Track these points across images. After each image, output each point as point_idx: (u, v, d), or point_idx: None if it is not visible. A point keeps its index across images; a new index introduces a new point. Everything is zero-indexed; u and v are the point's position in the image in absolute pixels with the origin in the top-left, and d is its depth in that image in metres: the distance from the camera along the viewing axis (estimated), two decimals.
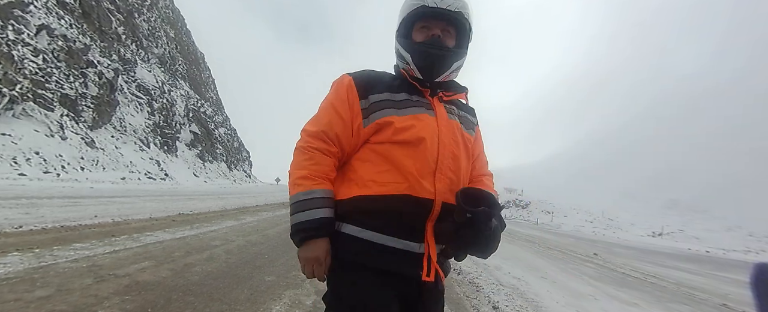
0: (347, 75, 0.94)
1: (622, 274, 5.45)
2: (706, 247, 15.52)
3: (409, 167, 0.83)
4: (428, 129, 0.87)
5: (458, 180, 0.88)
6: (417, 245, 0.83)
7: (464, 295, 3.25)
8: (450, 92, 0.96)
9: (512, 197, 50.50)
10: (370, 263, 0.82)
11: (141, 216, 5.04)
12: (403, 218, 0.82)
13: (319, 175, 0.86)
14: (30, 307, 1.76)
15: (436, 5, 0.88)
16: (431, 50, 0.90)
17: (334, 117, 0.90)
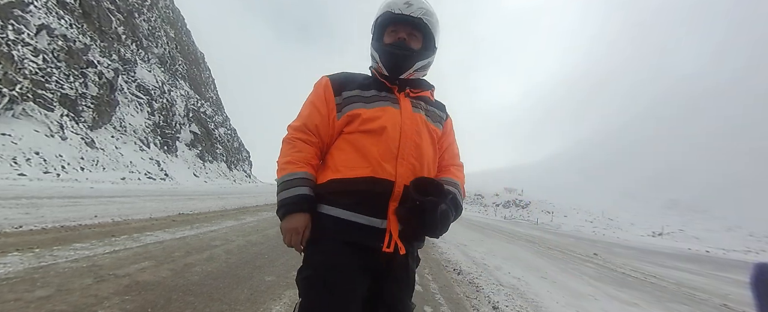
0: (325, 76, 1.09)
1: (622, 274, 5.45)
2: (706, 247, 15.51)
3: (373, 153, 0.96)
4: (391, 120, 0.99)
5: (421, 166, 1.00)
6: (380, 221, 0.94)
7: (464, 295, 3.25)
8: (417, 89, 1.09)
9: (512, 197, 50.48)
10: (339, 236, 0.94)
11: (141, 216, 5.04)
12: (367, 197, 0.94)
13: (301, 161, 0.99)
14: (30, 307, 1.76)
15: (401, 12, 1.02)
16: (396, 51, 1.04)
17: (313, 111, 1.04)
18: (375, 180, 0.94)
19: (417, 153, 1.00)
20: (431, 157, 1.06)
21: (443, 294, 3.18)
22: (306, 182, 0.97)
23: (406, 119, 1.01)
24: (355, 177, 0.95)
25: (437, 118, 1.12)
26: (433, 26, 1.06)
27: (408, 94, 1.06)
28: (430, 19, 1.04)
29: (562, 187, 59.12)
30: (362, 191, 0.94)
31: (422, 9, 1.03)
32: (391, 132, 0.98)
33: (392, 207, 0.94)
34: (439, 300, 2.98)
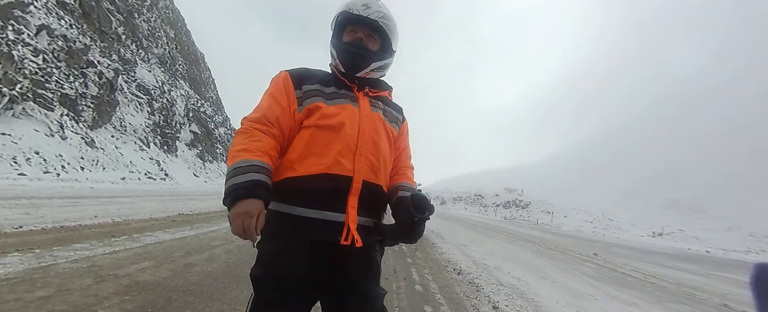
0: (284, 71, 1.09)
1: (622, 274, 5.45)
2: (706, 247, 15.51)
3: (331, 149, 0.97)
4: (350, 117, 1.01)
5: (379, 163, 1.03)
6: (338, 215, 0.95)
7: (464, 295, 3.25)
8: (376, 89, 1.12)
9: (512, 197, 50.49)
10: (295, 232, 0.95)
11: (141, 216, 5.04)
12: (324, 193, 0.95)
13: (258, 149, 0.93)
14: (30, 307, 1.76)
15: (359, 13, 1.04)
16: (353, 49, 1.06)
17: (274, 103, 1.02)
18: (331, 176, 0.95)
19: (375, 150, 1.03)
20: (388, 155, 1.10)
21: (443, 294, 3.18)
22: (261, 169, 0.89)
23: (365, 117, 1.04)
24: (311, 174, 0.95)
25: (394, 118, 1.16)
26: (389, 30, 1.09)
27: (367, 93, 1.09)
28: (387, 23, 1.07)
29: (562, 187, 59.13)
30: (319, 188, 0.94)
31: (380, 12, 1.06)
32: (349, 129, 1.00)
33: (350, 201, 0.96)
34: (440, 300, 2.99)
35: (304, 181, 0.95)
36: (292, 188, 0.96)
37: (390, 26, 1.09)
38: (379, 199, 1.05)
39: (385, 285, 3.41)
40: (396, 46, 1.15)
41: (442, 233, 8.58)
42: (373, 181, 1.02)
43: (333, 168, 0.95)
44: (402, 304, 2.73)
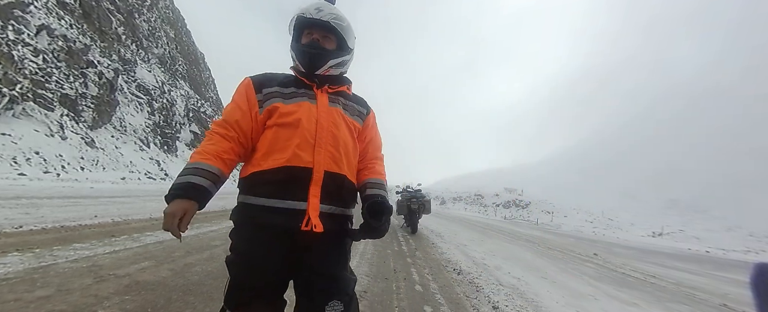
0: (247, 77, 1.19)
1: (622, 274, 5.45)
2: (706, 247, 15.51)
3: (290, 143, 1.06)
4: (307, 113, 1.09)
5: (339, 154, 1.11)
6: (299, 204, 1.03)
7: (464, 295, 3.25)
8: (335, 85, 1.20)
9: (512, 197, 50.50)
10: (258, 221, 1.03)
11: (141, 216, 5.04)
12: (285, 184, 1.03)
13: (209, 152, 1.04)
14: (30, 307, 1.76)
15: (312, 16, 1.13)
16: (309, 50, 1.15)
17: (234, 108, 1.12)
18: (291, 168, 1.04)
19: (334, 142, 1.11)
20: (351, 147, 1.17)
21: (443, 294, 3.18)
22: (202, 172, 1.00)
23: (323, 112, 1.12)
24: (273, 168, 1.04)
25: (356, 111, 1.25)
26: (343, 30, 1.17)
27: (326, 90, 1.17)
28: (339, 23, 1.15)
29: (562, 187, 59.13)
30: (280, 179, 1.03)
31: (332, 14, 1.14)
32: (306, 124, 1.08)
33: (312, 190, 1.04)
34: (439, 300, 2.99)
35: (266, 174, 1.05)
36: (257, 181, 1.06)
37: (343, 26, 1.17)
38: (344, 188, 1.13)
39: (385, 285, 3.41)
40: (352, 44, 1.24)
41: (442, 233, 8.58)
42: (336, 171, 1.10)
43: (292, 160, 1.04)
44: (402, 304, 2.73)
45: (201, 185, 0.99)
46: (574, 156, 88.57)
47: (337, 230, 1.10)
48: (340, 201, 1.12)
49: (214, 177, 1.03)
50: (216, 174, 1.03)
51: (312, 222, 1.02)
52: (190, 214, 0.97)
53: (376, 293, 2.94)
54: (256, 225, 1.04)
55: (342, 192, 1.12)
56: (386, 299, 2.81)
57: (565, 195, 52.32)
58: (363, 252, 4.74)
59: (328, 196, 1.07)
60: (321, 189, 1.06)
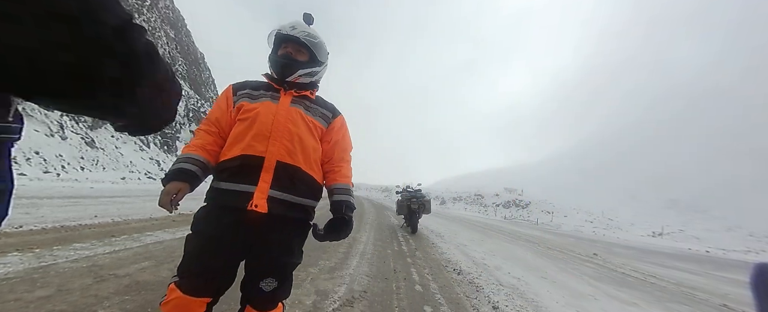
0: (230, 84, 1.39)
1: (622, 274, 5.45)
2: (706, 247, 15.51)
3: (247, 135, 1.23)
4: (266, 110, 1.26)
5: (295, 148, 1.26)
6: (250, 187, 1.18)
7: (464, 295, 3.25)
8: (300, 90, 1.36)
9: (512, 197, 50.48)
10: (217, 202, 1.21)
11: (141, 216, 5.04)
12: (239, 170, 1.20)
13: (195, 145, 1.26)
14: (30, 307, 1.76)
15: (287, 33, 1.32)
16: (282, 60, 1.33)
17: (216, 108, 1.34)
18: (245, 156, 1.20)
19: (290, 137, 1.25)
20: (310, 143, 1.31)
21: (443, 294, 3.18)
22: (190, 160, 1.22)
23: (282, 110, 1.28)
24: (232, 157, 1.22)
25: (320, 113, 1.39)
26: (313, 45, 1.35)
27: (292, 93, 1.34)
28: (310, 40, 1.34)
29: (562, 188, 59.13)
30: (235, 166, 1.20)
31: (305, 32, 1.33)
32: (263, 119, 1.24)
33: (263, 176, 1.19)
34: (439, 300, 2.99)
35: (226, 162, 1.23)
36: (221, 168, 1.24)
37: (314, 42, 1.35)
38: (297, 178, 1.26)
39: (385, 285, 3.41)
40: (323, 58, 1.42)
41: (442, 233, 8.58)
42: (289, 162, 1.24)
43: (247, 150, 1.21)
44: (402, 304, 2.73)
45: (191, 170, 1.20)
46: (575, 156, 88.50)
47: (289, 216, 1.24)
48: (294, 190, 1.25)
49: (202, 165, 1.23)
50: (203, 162, 1.24)
51: (254, 202, 1.16)
52: (183, 193, 1.17)
53: (376, 293, 2.94)
54: (215, 205, 1.22)
55: (295, 181, 1.25)
56: (386, 299, 2.81)
57: (565, 195, 52.32)
58: (363, 252, 4.74)
59: (279, 183, 1.21)
60: (272, 176, 1.21)
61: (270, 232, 1.23)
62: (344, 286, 3.00)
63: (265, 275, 1.24)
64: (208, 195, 1.25)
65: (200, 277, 1.17)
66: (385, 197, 50.44)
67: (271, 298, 1.28)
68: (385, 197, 50.26)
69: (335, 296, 2.70)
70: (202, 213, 1.24)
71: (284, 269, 1.29)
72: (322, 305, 2.46)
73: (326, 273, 3.37)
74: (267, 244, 1.24)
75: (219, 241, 1.18)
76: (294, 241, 1.31)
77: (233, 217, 1.18)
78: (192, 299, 1.16)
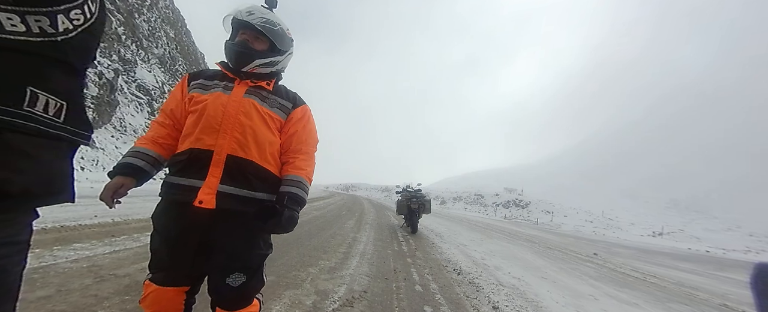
0: (187, 73, 1.37)
1: (622, 274, 5.45)
2: (706, 246, 15.50)
3: (195, 128, 1.17)
4: (215, 102, 1.18)
5: (246, 140, 1.19)
6: (197, 182, 1.13)
7: (464, 295, 3.25)
8: (256, 80, 1.28)
9: (512, 197, 50.46)
10: (168, 197, 1.18)
11: (141, 216, 5.04)
12: (189, 165, 1.15)
13: (147, 138, 1.23)
14: (30, 308, 1.76)
15: (242, 18, 1.22)
16: (237, 48, 1.23)
17: (171, 98, 1.28)
18: (193, 150, 1.15)
19: (241, 129, 1.18)
20: (264, 135, 1.23)
21: (443, 294, 3.18)
22: (138, 154, 1.19)
23: (233, 101, 1.20)
24: (181, 151, 1.18)
25: (278, 104, 1.30)
26: (271, 33, 1.25)
27: (247, 83, 1.26)
28: (268, 27, 1.24)
29: (562, 187, 59.13)
30: (184, 160, 1.16)
31: (262, 18, 1.23)
32: (211, 111, 1.17)
33: (212, 171, 1.14)
34: (439, 300, 2.99)
35: (177, 156, 1.19)
36: (172, 162, 1.21)
37: (272, 30, 1.25)
38: (249, 172, 1.19)
39: (385, 285, 3.40)
40: (285, 47, 1.32)
41: (442, 233, 8.57)
42: (241, 155, 1.18)
43: (195, 143, 1.15)
44: (402, 304, 2.73)
45: (137, 165, 1.17)
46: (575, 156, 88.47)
47: (244, 211, 1.17)
48: (246, 184, 1.18)
49: (152, 159, 1.20)
50: (153, 157, 1.20)
51: (200, 198, 1.11)
52: (126, 188, 1.15)
53: (376, 293, 2.93)
54: (166, 201, 1.20)
55: (247, 176, 1.19)
56: (386, 299, 2.81)
57: (566, 195, 52.31)
58: (363, 252, 4.74)
59: (230, 177, 1.15)
60: (222, 170, 1.15)
61: (229, 226, 1.17)
62: (344, 286, 3.00)
63: (231, 270, 1.17)
64: (161, 190, 1.21)
65: (170, 269, 1.17)
66: (385, 197, 50.42)
67: (243, 294, 1.20)
68: (385, 197, 50.23)
69: (335, 296, 2.70)
70: (158, 209, 1.22)
71: (250, 261, 1.21)
72: (322, 305, 2.46)
73: (326, 273, 3.37)
74: (228, 238, 1.17)
75: (177, 237, 1.15)
76: (256, 233, 1.24)
77: (183, 212, 1.14)
78: (168, 288, 1.17)
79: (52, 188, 0.59)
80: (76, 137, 0.63)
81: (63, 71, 0.58)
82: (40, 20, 0.50)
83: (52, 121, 0.56)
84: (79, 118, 0.63)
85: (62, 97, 0.57)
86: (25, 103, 0.51)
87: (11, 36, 0.49)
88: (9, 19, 0.48)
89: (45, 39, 0.52)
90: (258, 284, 1.26)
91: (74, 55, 0.58)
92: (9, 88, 0.50)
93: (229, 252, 1.18)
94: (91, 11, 0.58)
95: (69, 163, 0.65)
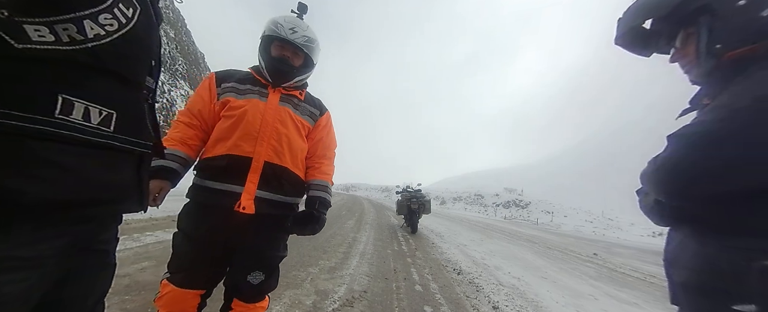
0: (212, 72, 1.31)
1: (622, 274, 5.45)
2: None
3: (233, 134, 1.19)
4: (254, 109, 1.21)
5: (282, 148, 1.24)
6: (237, 187, 1.17)
7: (464, 295, 3.25)
8: (290, 89, 1.33)
9: (512, 197, 50.48)
10: (200, 200, 1.20)
11: (141, 216, 5.04)
12: (226, 170, 1.17)
13: (174, 139, 1.22)
14: None
15: (286, 36, 1.24)
16: (280, 66, 1.27)
17: (197, 99, 1.27)
18: (231, 157, 1.18)
19: (278, 137, 1.23)
20: (297, 143, 1.30)
21: (443, 294, 3.18)
22: (171, 156, 1.18)
23: (270, 109, 1.24)
24: (217, 155, 1.19)
25: (308, 112, 1.36)
26: (310, 51, 1.30)
27: (280, 90, 1.29)
28: (310, 45, 1.29)
29: (562, 187, 59.16)
30: (222, 165, 1.17)
31: (305, 37, 1.27)
32: (251, 118, 1.20)
33: (251, 177, 1.18)
34: (439, 300, 2.99)
35: (211, 161, 1.20)
36: (204, 166, 1.21)
37: (311, 47, 1.30)
38: (284, 178, 1.25)
39: (385, 285, 3.41)
40: (317, 59, 1.37)
41: (442, 233, 8.58)
42: (277, 162, 1.23)
43: (233, 150, 1.18)
44: (402, 304, 2.73)
45: (172, 168, 1.18)
46: (575, 156, 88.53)
47: (273, 214, 1.24)
48: (279, 189, 1.24)
49: (182, 160, 1.21)
50: (183, 158, 1.21)
51: (242, 204, 1.16)
52: (165, 191, 1.16)
53: (376, 293, 2.94)
54: (198, 204, 1.21)
55: (281, 181, 1.24)
56: (386, 299, 2.81)
57: (565, 195, 52.35)
58: (363, 252, 4.74)
59: (266, 183, 1.20)
60: (260, 177, 1.19)
61: (257, 228, 1.23)
62: (344, 286, 3.00)
63: (253, 269, 1.25)
64: (191, 192, 1.24)
65: (191, 271, 1.19)
66: (385, 197, 50.42)
67: (259, 291, 1.28)
68: (385, 197, 50.24)
69: (335, 296, 2.70)
70: (187, 211, 1.24)
71: (271, 262, 1.30)
72: (322, 305, 2.46)
73: (326, 273, 3.37)
74: (254, 240, 1.24)
75: (204, 240, 1.18)
76: (280, 236, 1.33)
77: (218, 216, 1.18)
78: (186, 291, 1.18)
79: (97, 197, 0.57)
80: (133, 146, 0.62)
81: (107, 80, 0.57)
82: (68, 28, 0.50)
83: (98, 130, 0.55)
84: (136, 127, 0.63)
85: (110, 105, 0.57)
86: (58, 110, 0.50)
87: (39, 46, 0.48)
88: (37, 30, 0.48)
89: (75, 47, 0.51)
90: (274, 283, 1.34)
91: (114, 63, 0.57)
92: (38, 96, 0.49)
93: (254, 252, 1.25)
94: (127, 17, 0.58)
95: (128, 172, 0.64)
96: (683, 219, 0.71)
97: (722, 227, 0.63)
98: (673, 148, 0.68)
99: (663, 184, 0.68)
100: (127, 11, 0.58)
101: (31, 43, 0.48)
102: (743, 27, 0.66)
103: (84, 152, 0.54)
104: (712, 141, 0.61)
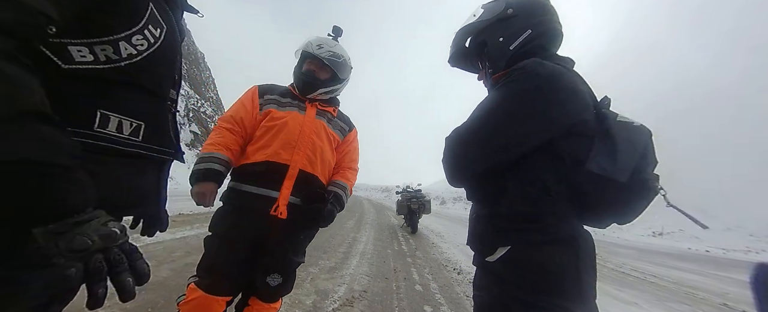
0: (255, 85, 1.43)
1: (622, 274, 5.45)
2: (706, 246, 15.50)
3: (273, 143, 1.28)
4: (294, 120, 1.32)
5: (315, 157, 1.33)
6: (273, 192, 1.26)
7: (464, 294, 3.25)
8: (325, 105, 1.45)
9: None
10: (236, 203, 1.28)
11: None
12: (264, 176, 1.26)
13: (219, 144, 1.29)
14: None
15: (312, 52, 1.37)
16: (305, 78, 1.39)
17: (241, 108, 1.36)
18: (270, 163, 1.26)
19: (312, 147, 1.33)
20: (328, 155, 1.40)
21: (443, 293, 3.18)
22: (218, 160, 1.26)
23: (308, 122, 1.35)
24: (256, 161, 1.27)
25: (339, 126, 1.49)
26: (335, 66, 1.40)
27: (316, 105, 1.41)
28: (334, 60, 1.38)
29: None
30: (260, 171, 1.26)
31: (330, 52, 1.38)
32: (291, 128, 1.30)
33: (286, 183, 1.26)
34: (440, 299, 2.99)
35: (251, 166, 1.28)
36: (244, 171, 1.30)
37: (336, 63, 1.39)
38: (314, 186, 1.34)
39: (385, 284, 3.41)
40: (345, 75, 1.47)
41: (442, 233, 8.58)
42: (310, 171, 1.32)
43: (272, 157, 1.27)
44: (402, 304, 2.73)
45: (217, 169, 1.25)
46: None
47: (301, 220, 1.32)
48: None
49: (226, 164, 1.29)
50: (227, 161, 1.29)
51: (279, 209, 1.25)
52: (215, 192, 1.26)
53: (376, 293, 2.94)
54: (235, 206, 1.28)
55: (311, 189, 1.33)
56: (386, 299, 2.81)
57: None
58: (363, 252, 4.74)
59: (297, 190, 1.29)
60: (294, 183, 1.28)
61: (284, 232, 1.31)
62: (344, 286, 3.00)
63: (273, 271, 1.31)
64: (226, 196, 1.31)
65: (224, 277, 1.23)
66: (385, 197, 50.41)
67: (276, 292, 1.35)
68: (385, 197, 50.22)
69: (335, 296, 2.70)
70: (222, 214, 1.30)
71: (290, 267, 1.38)
72: (322, 305, 2.46)
73: (326, 273, 3.37)
74: (281, 243, 1.31)
75: (239, 242, 1.25)
76: (304, 243, 1.42)
77: (253, 220, 1.25)
78: (214, 298, 1.22)
79: (128, 202, 0.64)
80: (159, 154, 0.69)
81: (138, 94, 0.63)
82: (105, 49, 0.56)
83: (129, 140, 0.61)
84: (162, 137, 0.70)
85: (139, 117, 0.63)
86: (96, 124, 0.56)
87: (80, 66, 0.54)
88: (79, 51, 0.54)
89: (111, 66, 0.57)
90: (289, 287, 1.42)
91: (144, 79, 0.63)
92: (80, 111, 0.56)
93: (277, 255, 1.32)
94: (155, 36, 0.63)
95: (155, 178, 0.71)
96: (468, 195, 0.97)
97: (472, 199, 0.94)
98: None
99: (447, 168, 0.91)
100: (156, 31, 0.63)
101: (75, 63, 0.53)
102: (500, 56, 0.90)
103: (117, 161, 0.60)
104: (460, 142, 0.87)
